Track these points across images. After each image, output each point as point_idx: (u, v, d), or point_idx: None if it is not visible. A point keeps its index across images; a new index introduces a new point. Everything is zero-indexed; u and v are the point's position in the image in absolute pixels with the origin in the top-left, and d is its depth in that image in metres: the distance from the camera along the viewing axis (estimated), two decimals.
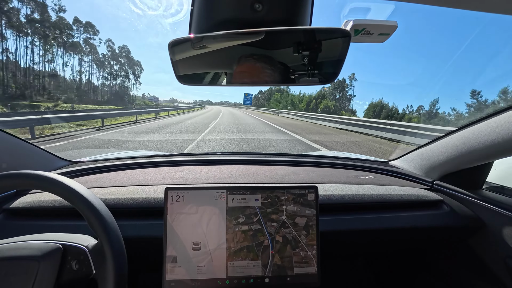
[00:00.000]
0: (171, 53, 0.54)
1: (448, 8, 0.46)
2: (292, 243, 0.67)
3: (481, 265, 0.86)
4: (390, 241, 0.93)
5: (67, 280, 0.50)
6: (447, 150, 0.91)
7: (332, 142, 7.51)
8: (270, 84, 0.60)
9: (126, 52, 73.83)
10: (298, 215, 0.68)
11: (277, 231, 0.67)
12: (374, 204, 0.86)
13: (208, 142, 6.27)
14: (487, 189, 0.92)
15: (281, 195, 0.69)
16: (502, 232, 0.79)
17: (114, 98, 65.57)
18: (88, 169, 1.03)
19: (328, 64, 0.57)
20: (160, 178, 0.94)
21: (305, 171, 1.09)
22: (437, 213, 0.88)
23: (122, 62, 72.37)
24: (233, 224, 0.66)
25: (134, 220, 0.74)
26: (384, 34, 0.61)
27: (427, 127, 7.47)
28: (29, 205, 0.75)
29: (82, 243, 0.52)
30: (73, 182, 0.53)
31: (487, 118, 0.75)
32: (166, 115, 19.45)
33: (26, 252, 0.49)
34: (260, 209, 0.67)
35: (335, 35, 0.53)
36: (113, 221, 0.52)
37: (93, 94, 62.70)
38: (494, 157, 0.79)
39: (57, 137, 6.80)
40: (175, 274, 0.62)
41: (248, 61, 0.57)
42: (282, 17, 0.49)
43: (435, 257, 1.05)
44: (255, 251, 0.65)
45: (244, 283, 0.64)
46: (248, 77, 0.58)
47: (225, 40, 0.52)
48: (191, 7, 0.49)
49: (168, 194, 0.65)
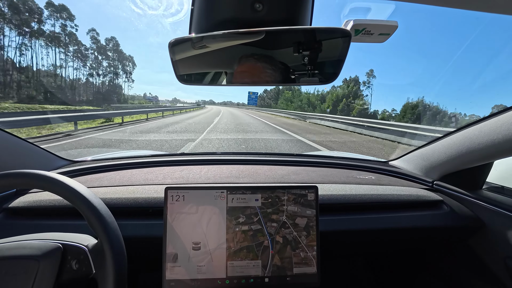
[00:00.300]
0: (171, 52, 0.54)
1: (448, 8, 0.46)
2: (292, 244, 0.67)
3: (481, 265, 0.86)
4: (390, 241, 0.93)
5: (67, 280, 0.50)
6: (447, 150, 0.91)
7: None
8: (270, 84, 0.60)
9: (114, 45, 65.17)
10: (298, 215, 0.68)
11: (277, 231, 0.67)
12: (374, 204, 0.86)
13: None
14: (487, 189, 0.92)
15: (282, 195, 0.68)
16: (502, 232, 0.79)
17: (97, 97, 57.55)
18: (88, 168, 1.03)
19: (328, 64, 0.57)
20: (160, 178, 0.94)
21: (305, 171, 1.09)
22: (437, 213, 0.88)
23: (110, 57, 65.26)
24: (233, 224, 0.66)
25: (134, 219, 0.74)
26: (385, 34, 0.61)
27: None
28: (29, 204, 0.75)
29: (82, 243, 0.52)
30: (73, 181, 0.53)
31: (487, 119, 0.75)
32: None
33: (26, 251, 0.49)
34: (260, 209, 0.67)
35: (336, 35, 0.53)
36: (113, 220, 0.52)
37: (70, 92, 55.09)
38: (494, 158, 0.79)
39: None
40: (175, 273, 0.62)
41: (249, 61, 0.57)
42: (283, 17, 0.49)
43: (435, 257, 1.05)
44: (255, 251, 0.65)
45: (244, 283, 0.64)
46: (249, 76, 0.58)
47: (225, 40, 0.52)
48: (191, 6, 0.49)
49: (168, 194, 0.65)
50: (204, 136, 7.78)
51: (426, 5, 0.44)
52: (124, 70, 67.95)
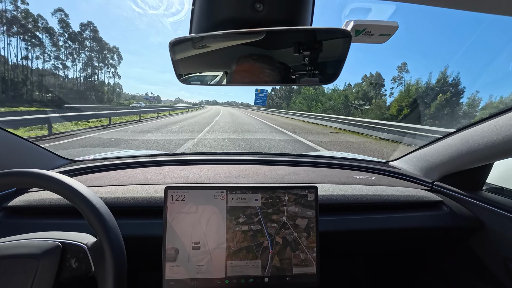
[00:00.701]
0: (171, 52, 0.54)
1: (448, 8, 0.46)
2: (292, 245, 0.66)
3: (480, 266, 0.86)
4: (389, 242, 0.93)
5: (66, 278, 0.50)
6: (447, 151, 0.91)
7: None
8: (270, 84, 0.60)
9: (92, 31, 52.50)
10: (299, 216, 0.68)
11: (278, 232, 0.67)
12: (374, 205, 0.86)
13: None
14: (487, 190, 0.92)
15: (283, 195, 0.68)
16: (502, 233, 0.79)
17: (64, 95, 46.08)
18: (88, 167, 1.03)
19: (328, 64, 0.57)
20: (160, 177, 0.94)
21: (305, 171, 1.09)
22: (437, 214, 0.88)
23: (87, 47, 52.39)
24: (233, 224, 0.66)
25: (134, 219, 0.74)
26: (385, 35, 0.61)
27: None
28: (29, 203, 0.75)
29: (81, 241, 0.52)
30: (73, 180, 0.53)
31: (487, 119, 0.75)
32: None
33: (26, 250, 0.49)
34: (261, 210, 0.67)
35: (336, 35, 0.53)
36: (112, 219, 0.52)
37: (26, 89, 42.22)
38: (494, 158, 0.79)
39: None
40: (174, 273, 0.62)
41: (247, 61, 0.57)
42: (283, 17, 0.49)
43: (434, 258, 1.05)
44: (254, 251, 0.65)
45: (244, 283, 0.64)
46: (248, 76, 0.58)
47: (225, 40, 0.52)
48: (192, 6, 0.49)
49: (168, 193, 0.65)
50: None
51: (426, 6, 0.44)
52: (105, 62, 55.81)
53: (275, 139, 8.06)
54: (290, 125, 15.27)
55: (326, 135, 10.43)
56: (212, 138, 7.70)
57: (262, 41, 0.50)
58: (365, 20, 0.57)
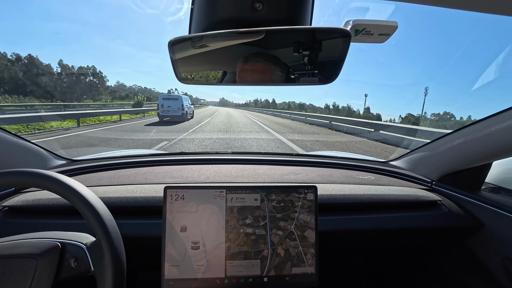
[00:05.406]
0: (171, 52, 0.54)
1: (448, 8, 0.46)
2: (294, 261, 0.66)
3: (479, 266, 0.86)
4: (388, 241, 0.93)
5: (65, 278, 0.50)
6: (446, 151, 0.91)
7: None
8: (270, 84, 0.60)
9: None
10: (309, 227, 0.66)
11: (281, 242, 0.66)
12: (373, 204, 0.86)
13: None
14: (486, 190, 0.92)
15: (296, 200, 0.67)
16: (501, 233, 0.79)
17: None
18: (88, 167, 1.03)
19: (328, 64, 0.57)
20: (159, 177, 0.94)
21: (304, 170, 1.09)
22: (436, 213, 0.88)
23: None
24: (238, 224, 0.66)
25: (133, 218, 0.74)
26: (384, 34, 0.61)
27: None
28: (28, 203, 0.74)
29: (80, 241, 0.52)
30: (72, 180, 0.53)
31: (486, 119, 0.75)
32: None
33: (24, 250, 0.49)
34: (269, 213, 0.66)
35: (335, 35, 0.52)
36: (111, 219, 0.52)
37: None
38: (493, 158, 0.79)
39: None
40: (173, 273, 0.62)
41: (253, 61, 0.57)
42: (283, 17, 0.49)
43: (433, 257, 1.05)
44: (253, 258, 0.65)
45: (243, 282, 0.64)
46: (251, 76, 0.58)
47: (225, 39, 0.52)
48: (191, 6, 0.49)
49: (167, 193, 0.65)
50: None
51: (427, 6, 0.44)
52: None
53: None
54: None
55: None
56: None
57: (261, 41, 0.50)
58: (365, 19, 0.57)
